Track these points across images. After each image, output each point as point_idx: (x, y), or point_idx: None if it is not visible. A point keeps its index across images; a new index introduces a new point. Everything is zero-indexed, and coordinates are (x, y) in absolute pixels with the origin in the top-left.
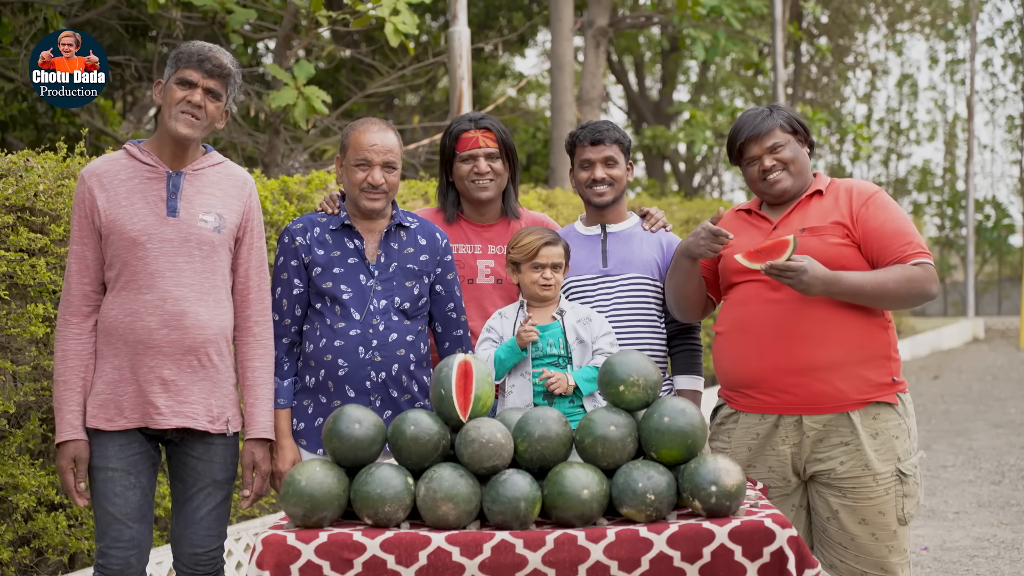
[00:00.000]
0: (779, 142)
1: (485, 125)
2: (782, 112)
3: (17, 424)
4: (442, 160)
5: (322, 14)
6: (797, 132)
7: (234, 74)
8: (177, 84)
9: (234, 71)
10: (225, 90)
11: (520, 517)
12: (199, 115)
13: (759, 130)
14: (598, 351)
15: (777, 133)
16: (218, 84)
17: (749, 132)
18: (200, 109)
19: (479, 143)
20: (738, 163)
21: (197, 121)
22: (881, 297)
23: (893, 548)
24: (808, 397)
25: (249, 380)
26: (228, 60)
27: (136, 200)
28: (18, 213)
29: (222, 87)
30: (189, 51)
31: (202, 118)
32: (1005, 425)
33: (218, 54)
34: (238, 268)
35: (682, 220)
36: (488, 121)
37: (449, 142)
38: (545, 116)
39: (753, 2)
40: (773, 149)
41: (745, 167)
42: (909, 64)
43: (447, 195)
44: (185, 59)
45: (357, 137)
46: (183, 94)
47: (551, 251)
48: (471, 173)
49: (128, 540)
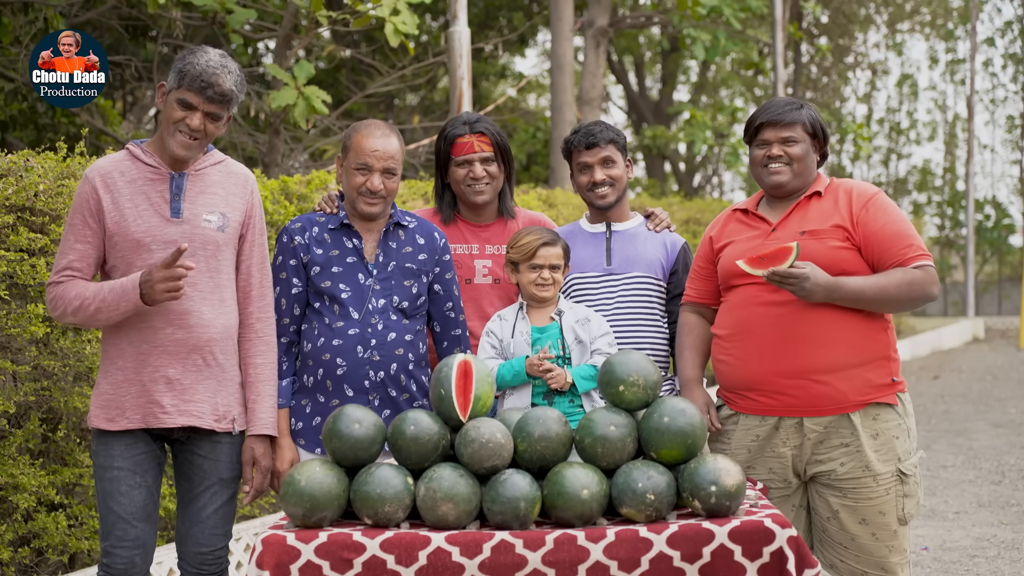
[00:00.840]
0: (795, 137)
1: (480, 129)
2: (811, 112)
3: (17, 424)
4: (438, 163)
5: (322, 14)
6: (816, 136)
7: (237, 96)
8: (178, 103)
9: (237, 93)
10: (227, 110)
11: (520, 517)
12: (197, 136)
13: (782, 118)
14: (596, 351)
15: (797, 128)
16: (219, 108)
17: (772, 116)
18: (199, 131)
19: (474, 148)
20: (749, 142)
21: (194, 143)
22: (883, 301)
23: (893, 548)
24: (809, 399)
25: (252, 376)
26: (232, 83)
27: (140, 202)
28: (18, 213)
29: (224, 109)
30: (193, 72)
31: (200, 138)
32: (1005, 425)
33: (221, 79)
34: (240, 265)
35: (682, 220)
36: (483, 124)
37: (444, 146)
38: (545, 116)
39: (753, 2)
40: (786, 141)
41: (754, 147)
42: (909, 64)
43: (443, 197)
44: (188, 80)
45: (359, 141)
46: (183, 115)
47: (549, 252)
48: (467, 178)
49: (133, 540)
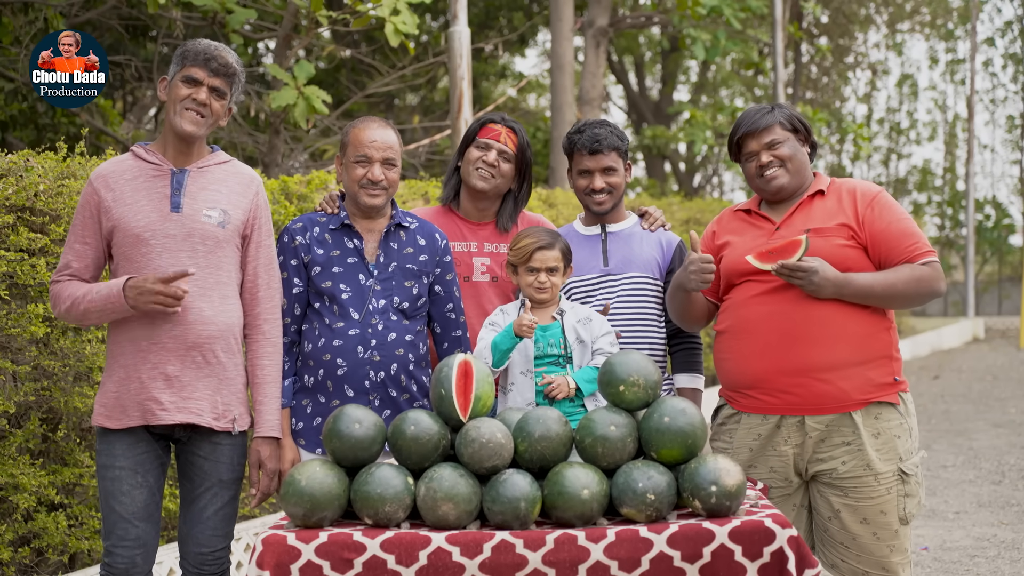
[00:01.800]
0: (777, 139)
1: (513, 127)
2: (783, 110)
3: (17, 424)
4: (462, 144)
5: (322, 14)
6: (798, 131)
7: (239, 73)
8: (183, 81)
9: (239, 70)
10: (230, 88)
11: (520, 517)
12: (204, 112)
13: (757, 125)
14: (598, 351)
15: (776, 130)
16: (223, 83)
17: (747, 127)
18: (205, 107)
19: (500, 137)
20: (737, 159)
21: (202, 119)
22: (891, 298)
23: (895, 548)
24: (811, 398)
25: (258, 378)
26: (233, 59)
27: (140, 198)
28: (18, 213)
29: (227, 85)
30: (195, 49)
31: (207, 115)
32: (1005, 425)
33: (224, 53)
34: (247, 266)
35: (682, 220)
36: (518, 127)
37: (475, 126)
38: (545, 116)
39: (753, 2)
40: (771, 145)
41: (744, 163)
42: (909, 64)
43: (451, 178)
44: (191, 57)
45: (357, 134)
46: (188, 91)
47: (545, 255)
48: (479, 160)
49: (134, 539)
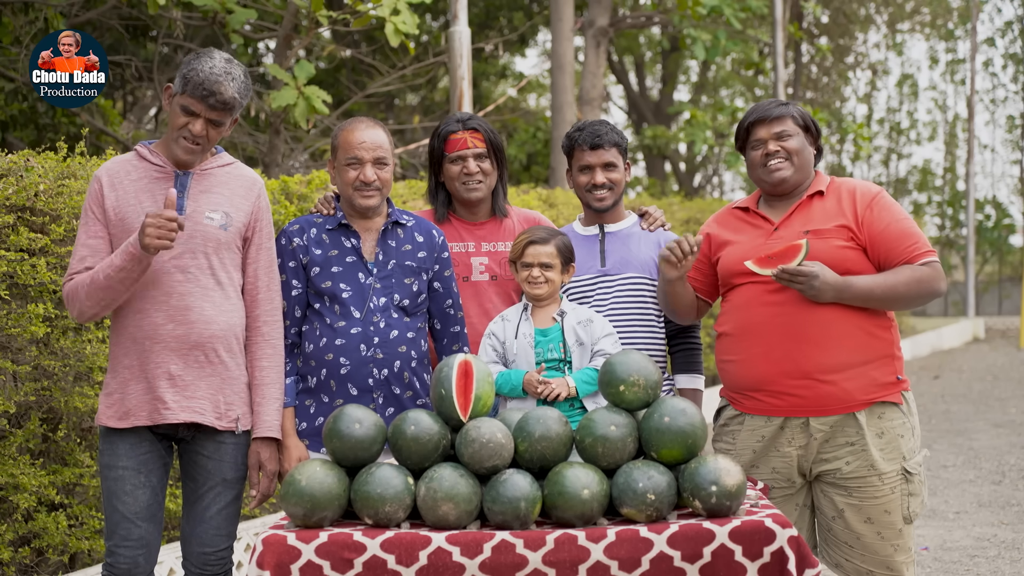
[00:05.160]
0: (788, 131)
1: (473, 126)
2: (798, 107)
3: (17, 424)
4: (431, 162)
5: (322, 14)
6: (808, 129)
7: (239, 102)
8: (181, 109)
9: (240, 100)
10: (229, 116)
11: (520, 517)
12: (200, 142)
13: (770, 114)
14: (599, 352)
15: (787, 122)
16: (221, 115)
17: (760, 114)
18: (201, 136)
19: (467, 144)
20: (743, 149)
21: (197, 147)
22: (892, 299)
23: (899, 547)
24: (815, 399)
25: (258, 379)
26: (235, 90)
27: (144, 199)
28: (18, 213)
29: (225, 116)
30: (197, 79)
31: (203, 143)
32: (1005, 425)
33: (224, 87)
34: (247, 268)
35: (682, 220)
36: (476, 121)
37: (438, 144)
38: (545, 116)
39: (753, 2)
40: (780, 136)
41: (749, 151)
42: (909, 64)
43: (437, 195)
44: (192, 87)
45: (346, 136)
46: (185, 121)
47: (537, 250)
48: (461, 174)
49: (137, 539)
